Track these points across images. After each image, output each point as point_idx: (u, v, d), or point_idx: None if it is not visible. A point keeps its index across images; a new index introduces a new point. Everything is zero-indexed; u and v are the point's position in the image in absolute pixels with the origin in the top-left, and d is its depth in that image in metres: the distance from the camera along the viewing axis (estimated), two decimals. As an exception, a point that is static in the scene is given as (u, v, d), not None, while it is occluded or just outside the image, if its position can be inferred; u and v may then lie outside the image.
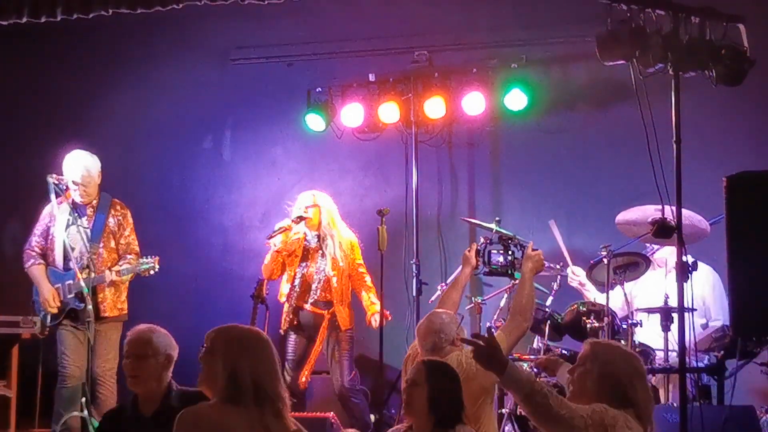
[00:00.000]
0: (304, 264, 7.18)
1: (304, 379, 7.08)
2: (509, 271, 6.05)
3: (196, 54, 8.88)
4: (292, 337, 7.23)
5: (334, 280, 7.06)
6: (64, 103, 8.83)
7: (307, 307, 7.16)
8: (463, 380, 4.96)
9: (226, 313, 8.07)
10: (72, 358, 6.73)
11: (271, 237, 7.12)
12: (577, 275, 7.01)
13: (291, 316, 7.18)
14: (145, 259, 6.80)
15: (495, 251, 6.03)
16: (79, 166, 6.81)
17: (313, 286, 7.15)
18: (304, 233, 7.19)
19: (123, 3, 7.07)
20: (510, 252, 5.96)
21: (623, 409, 3.79)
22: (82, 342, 6.68)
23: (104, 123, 8.69)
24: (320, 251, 7.18)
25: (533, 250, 5.63)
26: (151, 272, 6.81)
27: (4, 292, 7.57)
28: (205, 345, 3.78)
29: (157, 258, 6.79)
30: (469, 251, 5.86)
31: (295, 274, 7.17)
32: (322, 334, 7.07)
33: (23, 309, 7.04)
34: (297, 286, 7.16)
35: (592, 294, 6.95)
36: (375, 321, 6.96)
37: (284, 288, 7.25)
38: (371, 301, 7.10)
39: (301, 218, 7.09)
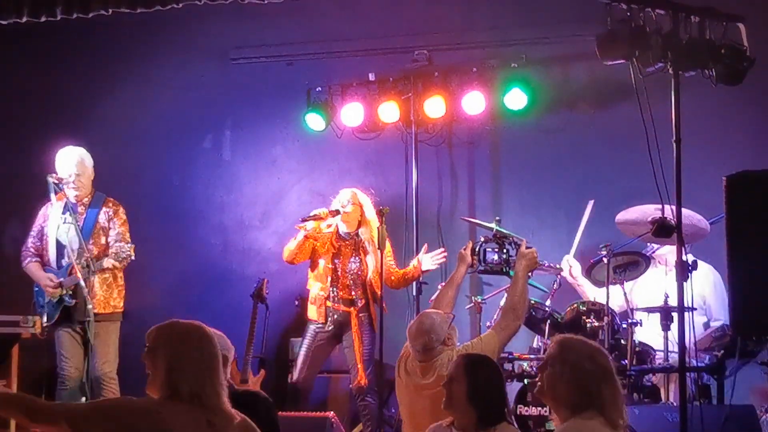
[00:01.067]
0: (338, 259, 7.19)
1: (364, 381, 7.04)
2: (504, 269, 6.06)
3: (195, 53, 8.87)
4: (312, 330, 7.20)
5: (369, 280, 7.07)
6: (64, 102, 8.83)
7: (333, 304, 7.16)
8: None
9: (226, 312, 8.10)
10: (70, 360, 6.74)
11: (304, 221, 7.12)
12: (571, 265, 7.00)
13: (321, 309, 7.16)
14: (122, 246, 6.77)
15: (490, 249, 6.04)
16: (74, 157, 6.86)
17: (343, 283, 7.16)
18: (336, 228, 7.19)
19: (122, 2, 7.06)
20: (505, 250, 5.97)
21: (591, 409, 3.74)
22: (79, 343, 6.69)
23: (104, 122, 8.68)
24: (353, 251, 7.19)
25: (527, 248, 5.63)
26: (129, 260, 6.78)
27: (4, 291, 7.57)
28: (146, 344, 3.74)
29: (133, 246, 6.77)
30: (465, 250, 5.86)
31: (332, 267, 7.17)
32: (357, 332, 7.08)
33: (23, 309, 7.04)
34: (329, 280, 7.16)
35: (589, 292, 6.95)
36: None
37: (316, 280, 7.23)
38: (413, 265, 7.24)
39: (337, 212, 7.11)
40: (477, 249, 5.98)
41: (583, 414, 3.71)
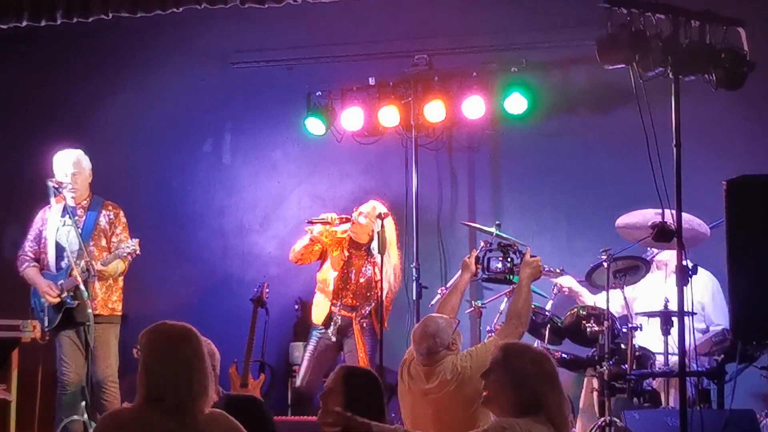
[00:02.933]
0: (348, 265, 7.19)
1: None
2: (507, 278, 6.06)
3: (195, 57, 8.87)
4: (316, 336, 7.21)
5: (377, 290, 6.99)
6: (64, 106, 8.83)
7: (338, 309, 7.15)
8: (458, 385, 4.97)
9: (226, 316, 8.10)
10: (71, 365, 6.74)
11: (311, 223, 7.13)
12: (566, 285, 7.00)
13: (325, 313, 7.18)
14: (127, 242, 6.77)
15: (494, 258, 6.04)
16: (70, 158, 6.87)
17: (349, 290, 7.16)
18: (349, 235, 7.19)
19: (123, 6, 7.09)
20: (509, 259, 5.97)
21: (535, 414, 3.73)
22: (80, 348, 6.69)
23: (104, 126, 8.68)
24: (364, 260, 7.21)
25: (531, 256, 5.64)
26: (135, 255, 6.76)
27: (4, 296, 7.57)
28: (136, 346, 3.76)
29: (138, 240, 6.75)
30: (468, 258, 5.86)
31: (339, 276, 7.17)
32: (360, 339, 7.08)
33: (24, 313, 7.05)
34: (334, 286, 7.17)
35: (588, 298, 6.94)
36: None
37: (324, 285, 7.24)
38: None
39: (347, 219, 7.10)
40: (481, 257, 5.97)
41: (525, 417, 3.71)
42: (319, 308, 7.24)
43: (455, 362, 5.04)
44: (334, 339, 7.18)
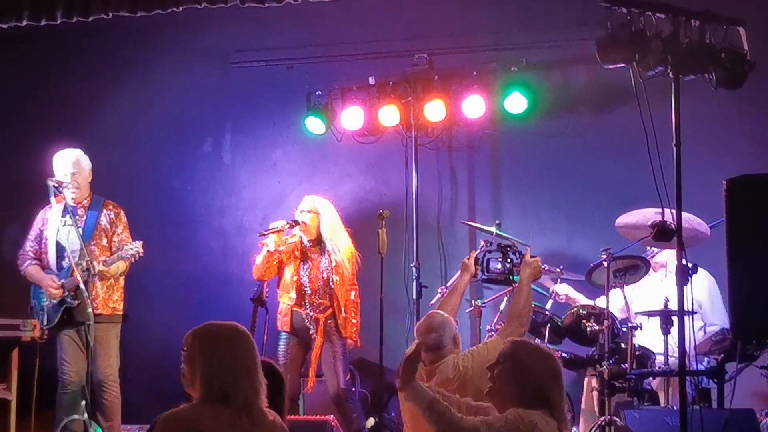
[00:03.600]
0: (304, 267, 7.14)
1: (312, 384, 7.04)
2: (507, 279, 6.07)
3: (196, 57, 8.88)
4: (284, 339, 7.17)
5: (337, 286, 7.01)
6: (64, 106, 8.84)
7: (303, 310, 7.10)
8: (460, 384, 4.96)
9: (226, 316, 7.98)
10: (71, 365, 6.73)
11: (263, 235, 7.06)
12: (562, 293, 7.02)
13: (287, 318, 7.13)
14: (129, 244, 6.76)
15: (494, 259, 6.04)
16: (70, 157, 6.86)
17: (310, 291, 7.10)
18: (300, 237, 7.15)
19: (123, 6, 7.08)
20: (509, 260, 5.98)
21: (539, 409, 3.83)
22: (81, 347, 6.68)
23: (104, 126, 8.69)
24: (319, 257, 7.12)
25: (531, 256, 5.64)
26: (138, 257, 6.75)
27: (4, 295, 7.57)
28: (183, 348, 3.78)
29: (142, 242, 6.75)
30: (468, 259, 5.85)
31: (296, 277, 7.13)
32: (319, 338, 7.03)
33: (24, 312, 7.05)
34: (295, 289, 7.12)
35: (584, 301, 6.95)
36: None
37: (283, 290, 7.20)
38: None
39: (296, 222, 7.05)
40: (480, 258, 5.97)
41: (533, 411, 3.81)
42: (281, 314, 7.17)
43: (457, 361, 5.03)
44: (299, 339, 7.12)
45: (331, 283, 7.03)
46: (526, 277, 5.52)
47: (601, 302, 6.54)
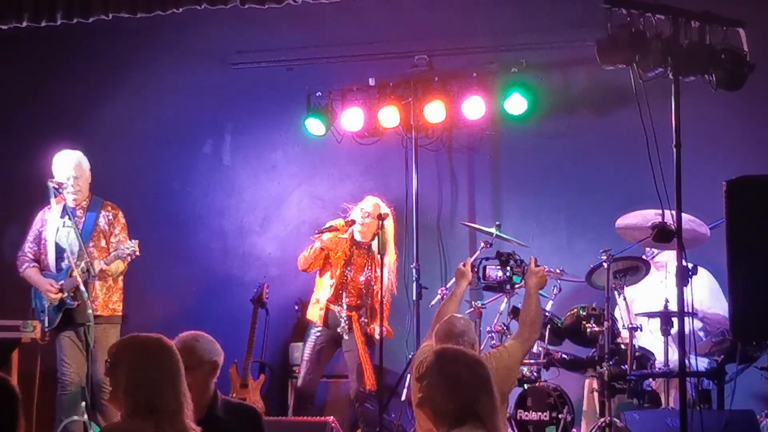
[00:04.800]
0: (348, 266, 7.24)
1: (372, 385, 7.05)
2: (505, 287, 6.17)
3: (196, 58, 8.87)
4: (315, 333, 7.25)
5: (373, 292, 7.14)
6: (64, 107, 8.83)
7: (339, 309, 7.17)
8: None
9: (226, 317, 8.10)
10: (71, 366, 6.74)
11: (320, 233, 7.19)
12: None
13: (323, 312, 7.22)
14: (126, 244, 6.77)
15: (493, 267, 6.07)
16: (71, 160, 6.88)
17: (349, 290, 7.22)
18: (351, 236, 7.25)
19: (123, 7, 7.08)
20: (508, 268, 6.01)
21: (471, 421, 3.68)
22: (80, 349, 6.69)
23: (104, 127, 8.69)
24: (364, 260, 7.27)
25: (536, 265, 5.66)
26: (134, 256, 6.76)
27: (4, 296, 7.57)
28: (108, 360, 3.74)
29: (138, 241, 6.76)
30: (464, 266, 5.84)
31: (339, 275, 7.22)
32: (360, 338, 7.11)
33: (24, 313, 7.05)
34: (335, 286, 7.22)
35: None
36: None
37: (326, 284, 7.29)
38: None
39: (353, 222, 7.20)
40: (477, 265, 6.00)
41: (462, 427, 3.65)
42: (317, 306, 7.27)
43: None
44: (346, 336, 7.18)
45: (368, 287, 7.20)
46: (533, 286, 5.57)
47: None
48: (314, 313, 7.30)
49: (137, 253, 6.74)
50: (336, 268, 7.24)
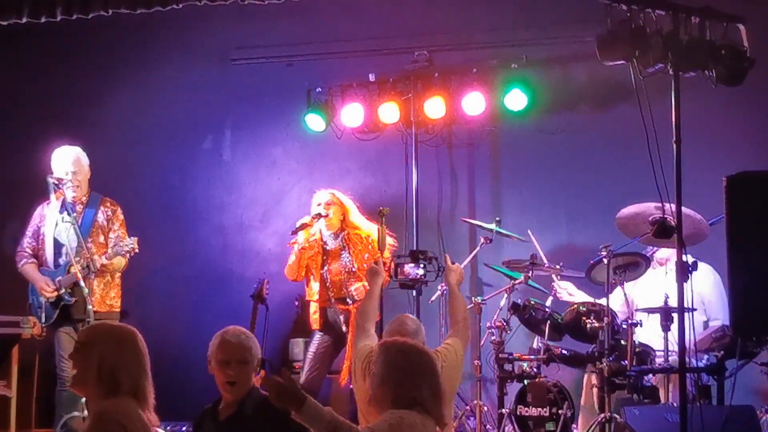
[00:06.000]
0: (326, 262, 7.21)
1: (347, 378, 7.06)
2: (417, 285, 6.24)
3: (196, 54, 8.87)
4: (318, 335, 7.25)
5: (362, 271, 7.04)
6: (64, 103, 8.83)
7: (333, 305, 7.17)
8: None
9: (226, 313, 8.09)
10: (70, 362, 6.72)
11: (295, 233, 7.15)
12: (564, 288, 7.03)
13: (319, 315, 7.21)
14: (125, 241, 6.77)
15: (411, 266, 6.09)
16: (70, 156, 6.87)
17: (334, 284, 7.18)
18: (320, 231, 7.21)
19: (123, 3, 7.06)
20: (421, 266, 6.04)
21: (410, 408, 3.74)
22: (79, 345, 6.68)
23: (104, 123, 8.69)
24: (340, 249, 7.20)
25: (452, 263, 5.67)
26: (133, 253, 6.76)
27: (4, 292, 7.56)
28: (79, 343, 3.81)
29: (136, 239, 6.76)
30: (376, 264, 5.76)
31: (321, 275, 7.19)
32: (353, 330, 7.09)
33: (24, 309, 7.05)
34: (320, 286, 7.20)
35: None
36: None
37: (314, 287, 7.27)
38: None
39: (319, 216, 7.12)
40: (391, 264, 6.05)
41: (403, 410, 3.73)
42: (311, 312, 7.27)
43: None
44: (345, 329, 7.16)
45: (348, 272, 7.13)
46: (454, 283, 5.59)
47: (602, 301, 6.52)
48: (313, 321, 7.30)
49: (136, 250, 6.74)
50: (316, 269, 7.20)
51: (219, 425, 4.36)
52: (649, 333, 6.52)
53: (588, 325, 6.41)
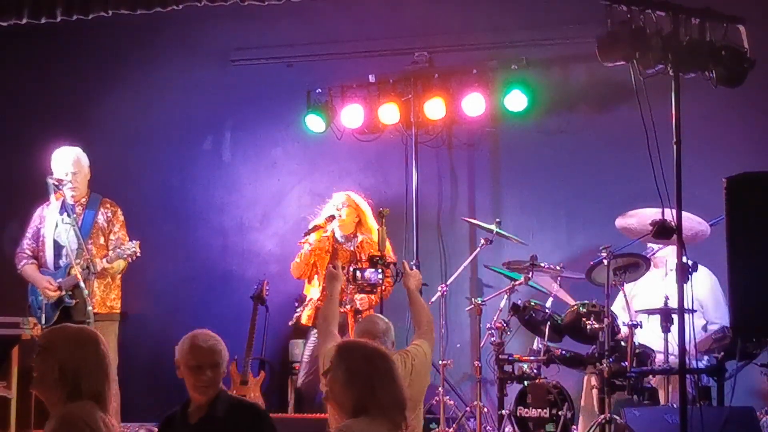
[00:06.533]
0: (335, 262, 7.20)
1: None
2: (374, 290, 6.32)
3: (196, 55, 8.87)
4: (314, 337, 7.19)
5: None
6: (64, 104, 8.83)
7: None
8: (409, 383, 4.93)
9: (226, 313, 8.11)
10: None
11: (306, 235, 7.15)
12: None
13: (314, 314, 7.14)
14: (126, 244, 6.77)
15: (372, 270, 6.11)
16: (70, 156, 6.87)
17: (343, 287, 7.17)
18: (332, 232, 7.21)
19: (123, 4, 7.07)
20: (379, 270, 6.04)
21: (367, 413, 3.67)
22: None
23: (104, 124, 8.69)
24: (353, 254, 7.19)
25: (410, 269, 5.68)
26: (135, 257, 6.75)
27: (4, 293, 7.56)
28: (40, 346, 3.78)
29: (138, 242, 6.75)
30: (335, 268, 5.75)
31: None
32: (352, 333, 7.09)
33: (23, 310, 7.05)
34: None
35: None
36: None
37: (315, 285, 7.24)
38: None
39: (332, 217, 7.13)
40: (348, 269, 6.07)
41: (360, 418, 3.65)
42: (308, 308, 7.21)
43: (405, 360, 5.01)
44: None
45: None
46: (413, 287, 5.61)
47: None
48: (305, 317, 7.23)
49: (138, 254, 6.73)
50: (321, 268, 7.16)
51: (191, 428, 4.36)
52: (649, 334, 6.52)
53: (588, 326, 6.41)
